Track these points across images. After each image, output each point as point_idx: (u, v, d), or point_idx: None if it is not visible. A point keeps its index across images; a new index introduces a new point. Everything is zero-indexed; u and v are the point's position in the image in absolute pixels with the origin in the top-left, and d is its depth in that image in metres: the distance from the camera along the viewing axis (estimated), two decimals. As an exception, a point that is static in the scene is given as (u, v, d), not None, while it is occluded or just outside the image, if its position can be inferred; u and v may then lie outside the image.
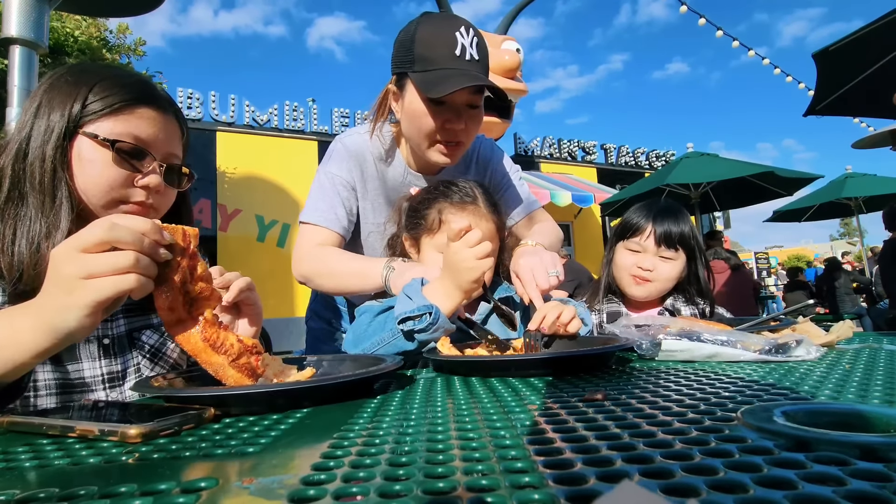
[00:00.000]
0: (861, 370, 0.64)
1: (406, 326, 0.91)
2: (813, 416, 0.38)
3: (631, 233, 1.41)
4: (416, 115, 1.19)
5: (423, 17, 1.20)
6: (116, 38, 6.47)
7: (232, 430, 0.47)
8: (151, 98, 0.84)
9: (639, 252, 1.40)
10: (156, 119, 0.83)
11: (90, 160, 0.78)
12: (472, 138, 1.28)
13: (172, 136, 0.86)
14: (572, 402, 0.51)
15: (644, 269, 1.37)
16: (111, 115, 0.79)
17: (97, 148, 0.78)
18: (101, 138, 0.78)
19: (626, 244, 1.42)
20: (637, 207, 1.48)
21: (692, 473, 0.28)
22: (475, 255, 0.92)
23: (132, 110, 0.81)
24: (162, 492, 0.31)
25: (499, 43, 7.00)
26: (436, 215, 1.14)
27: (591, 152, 10.84)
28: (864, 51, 3.31)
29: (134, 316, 0.90)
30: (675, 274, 1.39)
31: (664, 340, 0.78)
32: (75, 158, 0.78)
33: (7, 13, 1.53)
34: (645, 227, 1.40)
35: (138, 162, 0.81)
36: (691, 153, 6.33)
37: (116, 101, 0.80)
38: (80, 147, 0.78)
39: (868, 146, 4.05)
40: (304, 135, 8.60)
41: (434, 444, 0.38)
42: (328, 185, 1.31)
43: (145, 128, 0.82)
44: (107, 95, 0.80)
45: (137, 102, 0.82)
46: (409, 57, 1.17)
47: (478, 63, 1.16)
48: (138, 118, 0.81)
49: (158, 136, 0.83)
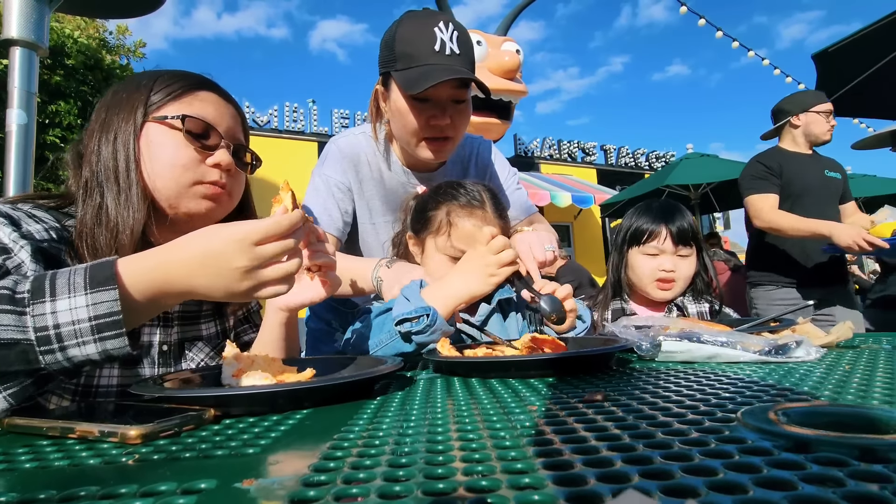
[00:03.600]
0: (861, 371, 0.64)
1: (403, 328, 0.91)
2: (813, 416, 0.38)
3: (646, 237, 1.41)
4: (401, 112, 1.19)
5: (405, 16, 1.20)
6: (116, 40, 6.48)
7: (232, 430, 0.47)
8: (210, 84, 0.88)
9: (657, 255, 1.40)
10: (217, 102, 0.86)
11: (160, 144, 0.80)
12: (461, 133, 1.27)
13: (235, 121, 0.88)
14: (572, 402, 0.51)
15: (667, 272, 1.37)
16: (174, 101, 0.82)
17: (166, 131, 0.80)
18: (170, 117, 0.80)
19: (643, 249, 1.42)
20: (640, 210, 1.47)
21: (692, 474, 0.29)
22: (499, 261, 0.93)
23: (194, 94, 0.84)
24: (162, 493, 0.31)
25: (499, 44, 7.01)
26: (443, 216, 1.13)
27: (591, 153, 10.85)
28: (863, 52, 3.31)
29: (186, 324, 0.91)
30: (693, 270, 1.41)
31: (664, 341, 0.78)
32: (144, 148, 0.80)
33: (7, 14, 1.53)
34: (660, 230, 1.39)
35: (207, 141, 0.82)
36: (691, 154, 6.34)
37: (178, 88, 0.83)
38: (148, 135, 0.80)
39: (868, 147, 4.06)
40: (304, 136, 8.61)
41: (434, 445, 0.38)
42: (323, 188, 1.31)
43: (209, 109, 0.84)
44: (168, 84, 0.83)
45: (198, 87, 0.85)
46: (391, 56, 1.17)
47: (459, 57, 1.15)
48: (201, 101, 0.84)
49: (222, 117, 0.86)
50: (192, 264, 0.59)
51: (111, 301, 0.55)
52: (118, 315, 0.55)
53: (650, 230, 1.41)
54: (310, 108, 8.66)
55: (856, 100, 3.75)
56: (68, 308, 0.54)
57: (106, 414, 0.53)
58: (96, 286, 0.55)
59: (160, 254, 0.61)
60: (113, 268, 0.57)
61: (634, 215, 1.47)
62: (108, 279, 0.56)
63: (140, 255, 0.61)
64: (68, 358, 0.55)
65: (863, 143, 4.04)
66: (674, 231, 1.39)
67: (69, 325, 0.54)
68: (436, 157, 1.25)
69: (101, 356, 0.56)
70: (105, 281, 0.56)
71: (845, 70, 3.52)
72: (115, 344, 0.56)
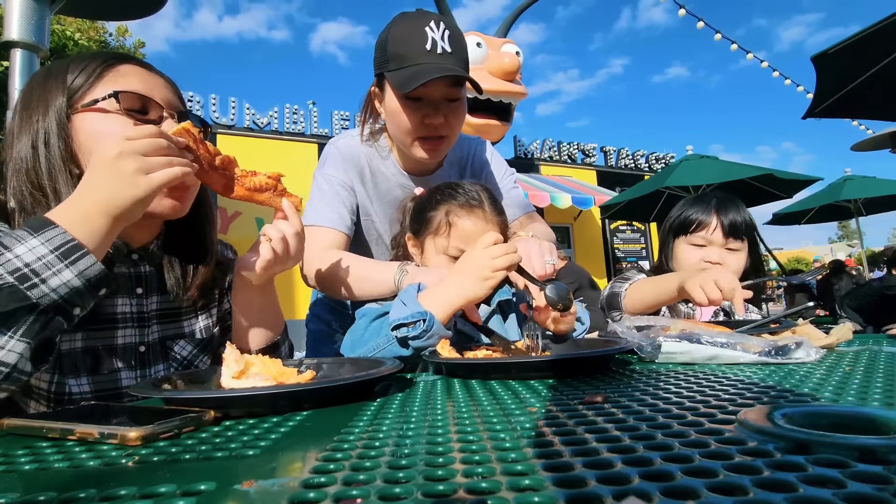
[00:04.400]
0: (861, 372, 0.64)
1: (400, 333, 0.90)
2: (813, 418, 0.38)
3: (695, 227, 1.35)
4: (395, 113, 1.19)
5: (397, 17, 1.20)
6: (116, 41, 6.48)
7: (232, 432, 0.47)
8: (128, 57, 0.84)
9: (704, 246, 1.34)
10: (141, 73, 0.82)
11: (100, 132, 0.76)
12: (456, 132, 1.27)
13: (168, 89, 0.84)
14: (572, 404, 0.51)
15: (713, 264, 1.32)
16: (97, 82, 0.78)
17: (100, 117, 0.77)
18: (102, 97, 0.76)
19: (690, 239, 1.36)
20: (692, 201, 1.42)
21: (692, 476, 0.28)
22: (494, 265, 0.92)
23: (115, 69, 0.80)
24: (162, 495, 0.31)
25: (498, 46, 7.02)
26: (442, 217, 1.13)
27: (591, 155, 10.85)
28: (863, 53, 3.31)
29: (167, 323, 0.90)
30: (742, 265, 1.34)
31: (664, 342, 0.78)
32: (82, 139, 0.76)
33: (8, 16, 1.53)
34: (710, 221, 1.34)
35: (147, 115, 0.79)
36: (691, 156, 6.34)
37: (97, 66, 0.79)
38: (82, 128, 0.77)
39: (868, 149, 4.06)
40: (304, 137, 8.61)
41: (434, 447, 0.38)
42: (327, 187, 1.31)
43: (136, 81, 0.80)
44: (84, 67, 0.79)
45: (117, 62, 0.81)
46: (384, 57, 1.18)
47: (451, 55, 1.15)
48: (125, 75, 0.80)
49: (155, 87, 0.82)
50: (90, 179, 0.65)
51: (60, 234, 0.61)
52: (73, 240, 0.61)
53: (699, 220, 1.35)
54: (310, 110, 8.67)
55: (855, 102, 3.75)
56: (27, 250, 0.60)
57: (106, 415, 0.53)
58: (39, 230, 0.61)
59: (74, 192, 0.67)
60: (43, 216, 0.63)
61: (686, 205, 1.41)
62: (45, 223, 0.62)
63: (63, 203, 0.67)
64: (53, 289, 0.60)
65: (863, 144, 4.04)
66: (725, 223, 1.32)
67: (37, 261, 0.60)
68: (431, 157, 1.25)
69: (81, 280, 0.62)
70: (44, 224, 0.62)
71: (845, 72, 3.53)
72: (86, 263, 0.62)
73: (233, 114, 8.21)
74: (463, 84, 1.20)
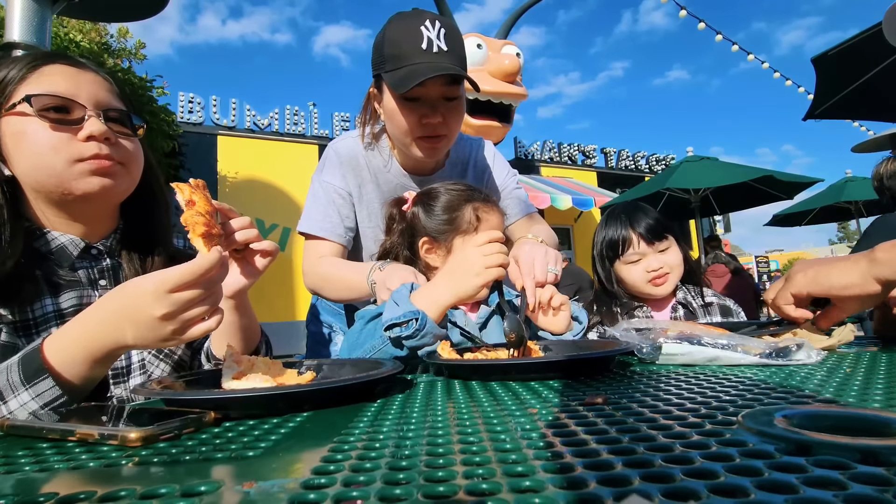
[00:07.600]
0: (862, 374, 0.64)
1: (393, 333, 0.89)
2: (814, 419, 0.38)
3: (623, 248, 1.43)
4: (393, 113, 1.20)
5: (393, 17, 1.20)
6: (117, 42, 6.49)
7: (232, 433, 0.47)
8: (56, 56, 0.81)
9: (640, 260, 1.42)
10: (67, 71, 0.79)
11: (21, 134, 0.74)
12: (455, 131, 1.27)
13: (99, 87, 0.81)
14: (573, 405, 0.51)
15: (656, 270, 1.39)
16: (20, 84, 0.76)
17: (21, 120, 0.74)
18: (16, 102, 0.74)
19: (625, 259, 1.44)
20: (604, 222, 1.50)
21: (693, 477, 0.28)
22: (485, 263, 0.92)
23: (38, 70, 0.77)
24: (162, 496, 0.31)
25: (499, 47, 7.02)
26: (471, 214, 1.13)
27: (591, 156, 10.85)
28: (863, 55, 3.32)
29: None
30: (679, 258, 1.43)
31: (664, 344, 0.78)
32: (7, 142, 0.75)
33: (9, 18, 1.53)
34: (630, 236, 1.42)
35: (68, 115, 0.76)
36: (691, 157, 6.33)
37: (21, 68, 0.76)
38: (6, 128, 0.75)
39: (869, 150, 4.06)
40: (305, 139, 8.62)
41: (434, 448, 0.38)
42: (322, 195, 1.32)
43: (59, 82, 0.77)
44: (11, 69, 0.76)
45: (41, 62, 0.78)
46: (381, 58, 1.18)
47: (447, 54, 1.14)
48: (48, 75, 0.77)
49: (80, 85, 0.78)
50: (113, 322, 0.62)
51: (50, 389, 0.61)
52: (62, 397, 0.62)
53: (621, 238, 1.43)
54: (310, 111, 8.68)
55: (855, 103, 3.75)
56: (20, 406, 0.61)
57: (106, 417, 0.53)
58: (31, 380, 0.61)
59: (81, 323, 0.64)
60: (39, 356, 0.62)
61: (602, 228, 1.50)
62: (38, 371, 0.61)
63: (63, 330, 0.64)
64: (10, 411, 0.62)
65: (863, 146, 4.04)
66: (642, 232, 1.40)
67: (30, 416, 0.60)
68: (430, 156, 1.25)
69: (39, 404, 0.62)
70: (36, 373, 0.61)
71: (845, 73, 3.53)
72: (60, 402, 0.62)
73: (233, 115, 8.22)
74: (460, 82, 1.19)
